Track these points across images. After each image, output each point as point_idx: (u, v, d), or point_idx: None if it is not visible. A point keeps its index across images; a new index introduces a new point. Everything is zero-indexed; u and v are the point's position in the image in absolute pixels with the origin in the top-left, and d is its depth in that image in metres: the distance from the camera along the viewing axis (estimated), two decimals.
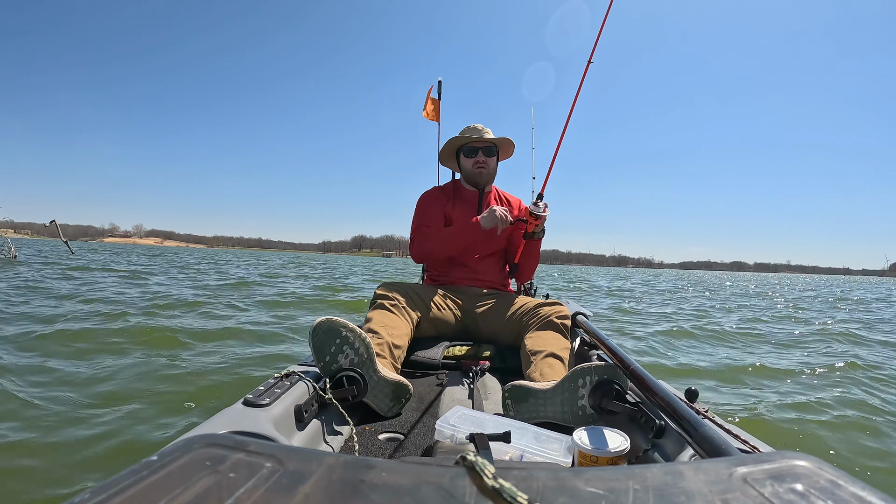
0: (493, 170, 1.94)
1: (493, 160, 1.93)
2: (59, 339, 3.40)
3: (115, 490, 0.29)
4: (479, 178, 1.92)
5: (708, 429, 0.68)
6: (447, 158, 2.04)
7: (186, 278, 10.23)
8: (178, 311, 5.10)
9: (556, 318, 1.55)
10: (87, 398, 2.24)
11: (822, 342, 4.92)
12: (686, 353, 4.19)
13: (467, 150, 1.91)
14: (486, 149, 1.89)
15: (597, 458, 0.81)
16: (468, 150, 1.90)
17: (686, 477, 0.33)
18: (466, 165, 1.92)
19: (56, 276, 8.64)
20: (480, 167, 1.90)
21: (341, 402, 1.06)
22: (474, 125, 1.92)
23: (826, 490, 0.32)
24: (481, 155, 1.89)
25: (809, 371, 3.49)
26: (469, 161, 1.91)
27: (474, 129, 1.91)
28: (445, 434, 0.89)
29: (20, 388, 2.30)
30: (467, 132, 1.91)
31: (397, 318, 1.52)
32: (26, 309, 4.69)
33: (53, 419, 1.97)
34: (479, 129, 1.91)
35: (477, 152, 1.89)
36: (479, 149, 1.89)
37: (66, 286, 7.04)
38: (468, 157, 1.91)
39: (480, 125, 1.92)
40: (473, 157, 1.89)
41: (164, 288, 7.58)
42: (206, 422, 0.80)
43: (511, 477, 0.33)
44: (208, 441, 0.36)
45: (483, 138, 1.88)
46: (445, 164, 2.09)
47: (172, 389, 2.43)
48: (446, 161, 2.06)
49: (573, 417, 1.12)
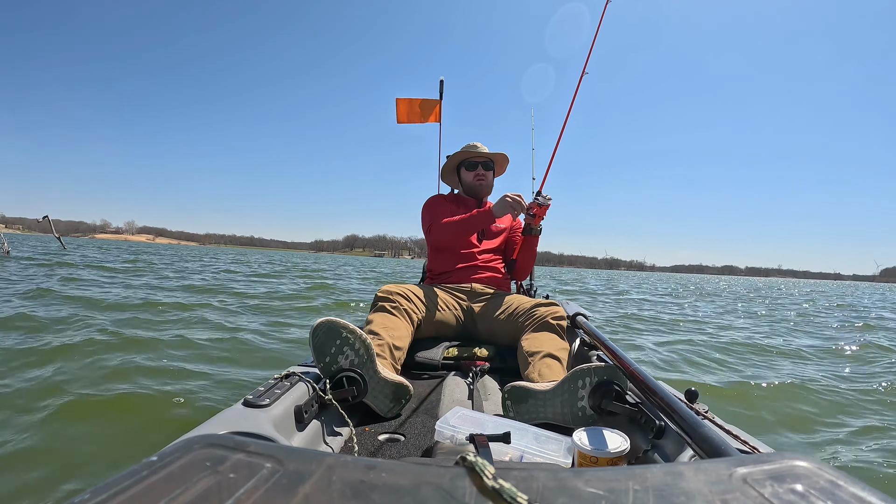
0: (490, 182, 2.11)
1: (490, 174, 2.10)
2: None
3: (115, 490, 0.29)
4: (479, 189, 2.08)
5: (707, 429, 0.68)
6: (448, 174, 2.19)
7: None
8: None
9: (552, 318, 1.56)
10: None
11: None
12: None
13: (468, 164, 2.08)
14: (485, 163, 2.07)
15: (597, 458, 0.81)
16: (469, 164, 2.08)
17: (686, 477, 0.33)
18: (467, 178, 2.09)
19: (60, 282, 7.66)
20: (480, 179, 2.07)
21: (341, 402, 1.06)
22: (474, 143, 2.09)
23: (826, 490, 0.32)
24: (481, 168, 2.07)
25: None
26: (470, 174, 2.08)
27: (474, 146, 2.08)
28: (445, 435, 0.89)
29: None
30: (468, 148, 2.07)
31: (398, 320, 1.53)
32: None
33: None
34: (478, 146, 2.09)
35: (477, 166, 2.07)
36: (479, 163, 2.07)
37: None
38: (469, 171, 2.08)
39: (479, 143, 2.10)
40: (474, 171, 2.07)
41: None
42: (206, 422, 0.80)
43: (511, 477, 0.33)
44: (208, 441, 0.36)
45: (482, 153, 2.06)
46: (446, 180, 2.22)
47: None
48: (447, 177, 2.21)
49: (573, 418, 1.12)
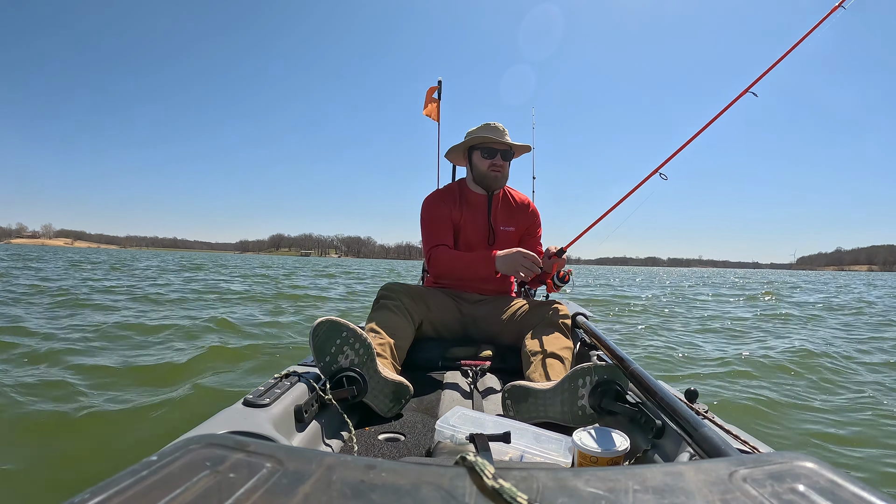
0: (507, 174, 1.83)
1: (508, 165, 1.82)
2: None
3: (114, 490, 0.29)
4: (493, 181, 1.80)
5: (708, 429, 0.68)
6: (456, 152, 1.90)
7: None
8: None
9: (557, 317, 1.55)
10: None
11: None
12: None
13: (484, 150, 1.77)
14: (505, 152, 1.78)
15: (597, 458, 0.81)
16: (486, 151, 1.77)
17: (686, 477, 0.33)
18: (481, 166, 1.79)
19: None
20: (496, 171, 1.78)
21: (341, 402, 1.06)
22: (495, 124, 1.79)
23: (826, 490, 0.32)
24: (499, 158, 1.77)
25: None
26: (485, 162, 1.77)
27: (494, 128, 1.77)
28: (445, 434, 0.89)
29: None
30: (487, 130, 1.76)
31: (399, 319, 1.52)
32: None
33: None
34: (499, 128, 1.77)
35: (495, 154, 1.76)
36: (498, 151, 1.77)
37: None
38: (485, 158, 1.77)
39: (501, 125, 1.79)
40: (491, 160, 1.77)
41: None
42: (206, 422, 0.80)
43: (511, 477, 0.33)
44: (208, 441, 0.36)
45: (505, 141, 1.76)
46: (452, 158, 1.96)
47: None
48: (454, 155, 1.93)
49: (573, 418, 1.12)
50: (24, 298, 6.45)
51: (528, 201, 1.97)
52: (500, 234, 1.86)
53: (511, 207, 1.91)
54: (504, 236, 1.86)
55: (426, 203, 1.89)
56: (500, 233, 1.86)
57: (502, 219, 1.88)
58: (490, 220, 1.85)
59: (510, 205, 1.92)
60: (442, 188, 1.97)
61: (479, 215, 1.85)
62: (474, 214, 1.85)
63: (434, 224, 1.83)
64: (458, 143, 1.86)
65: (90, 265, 18.59)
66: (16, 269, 13.78)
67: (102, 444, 1.96)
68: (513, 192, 1.96)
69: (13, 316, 4.82)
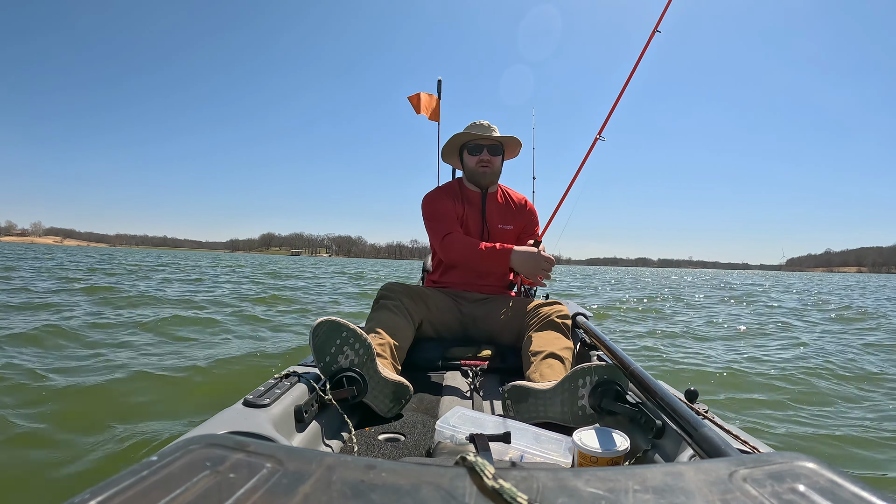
0: (497, 169, 1.86)
1: (498, 160, 1.84)
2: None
3: (114, 490, 0.29)
4: (482, 177, 1.84)
5: (708, 429, 0.68)
6: (449, 155, 1.96)
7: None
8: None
9: (557, 317, 1.55)
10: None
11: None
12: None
13: (471, 147, 1.83)
14: (492, 147, 1.82)
15: (597, 458, 0.81)
16: (472, 148, 1.82)
17: (686, 477, 0.33)
18: (470, 164, 1.84)
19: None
20: (484, 166, 1.82)
21: (341, 402, 1.06)
22: (480, 122, 1.85)
23: (826, 490, 0.32)
24: (486, 153, 1.81)
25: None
26: (473, 159, 1.83)
27: (480, 125, 1.83)
28: (445, 435, 0.89)
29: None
30: (472, 128, 1.83)
31: (399, 319, 1.52)
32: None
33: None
34: (485, 125, 1.83)
35: (482, 150, 1.81)
36: (485, 147, 1.81)
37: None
38: (472, 155, 1.83)
39: (486, 122, 1.84)
40: (477, 156, 1.81)
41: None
42: (206, 422, 0.80)
43: (511, 477, 0.33)
44: (208, 441, 0.36)
45: (488, 136, 1.80)
46: (448, 160, 2.01)
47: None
48: (448, 157, 1.98)
49: (573, 418, 1.12)
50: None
51: (526, 200, 1.99)
52: (497, 232, 1.87)
53: (510, 207, 1.93)
54: (501, 234, 1.87)
55: (428, 198, 1.90)
56: (497, 231, 1.87)
57: (500, 217, 1.89)
58: (484, 217, 1.87)
59: (509, 204, 1.94)
60: (442, 185, 1.99)
61: (476, 212, 1.88)
62: (472, 211, 1.87)
63: (441, 215, 1.83)
64: (447, 145, 1.90)
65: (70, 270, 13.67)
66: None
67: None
68: (511, 191, 2.00)
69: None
